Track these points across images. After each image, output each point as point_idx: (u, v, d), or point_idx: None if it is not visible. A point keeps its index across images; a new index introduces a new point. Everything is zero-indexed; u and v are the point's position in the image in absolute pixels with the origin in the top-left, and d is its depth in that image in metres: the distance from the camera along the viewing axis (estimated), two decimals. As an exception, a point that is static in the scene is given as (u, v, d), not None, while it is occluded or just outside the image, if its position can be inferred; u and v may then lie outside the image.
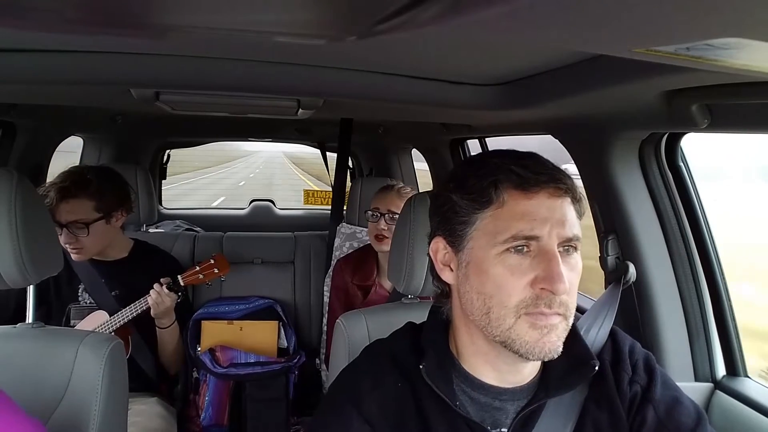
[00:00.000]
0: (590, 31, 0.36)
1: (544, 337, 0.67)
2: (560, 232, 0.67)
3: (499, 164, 0.70)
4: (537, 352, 0.67)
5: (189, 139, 3.58)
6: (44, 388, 1.03)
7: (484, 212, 0.69)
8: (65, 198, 1.57)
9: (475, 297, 0.70)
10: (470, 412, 0.74)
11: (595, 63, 0.85)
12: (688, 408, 0.74)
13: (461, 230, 0.71)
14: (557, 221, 0.67)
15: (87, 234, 1.60)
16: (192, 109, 1.34)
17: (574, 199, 0.70)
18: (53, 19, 0.32)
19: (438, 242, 0.76)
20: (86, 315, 1.67)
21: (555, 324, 0.67)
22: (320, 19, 0.32)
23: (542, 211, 0.67)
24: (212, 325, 1.98)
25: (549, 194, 0.68)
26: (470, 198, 0.70)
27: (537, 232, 0.66)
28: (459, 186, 0.73)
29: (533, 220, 0.66)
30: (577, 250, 0.70)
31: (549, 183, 0.68)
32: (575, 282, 0.69)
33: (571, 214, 0.69)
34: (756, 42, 0.33)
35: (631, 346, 0.80)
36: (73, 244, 1.60)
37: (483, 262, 0.69)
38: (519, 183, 0.68)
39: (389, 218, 1.74)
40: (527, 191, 0.68)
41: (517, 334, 0.67)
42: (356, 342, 1.12)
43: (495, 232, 0.68)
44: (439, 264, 0.77)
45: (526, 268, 0.67)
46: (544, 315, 0.66)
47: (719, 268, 1.21)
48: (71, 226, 1.58)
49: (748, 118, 0.85)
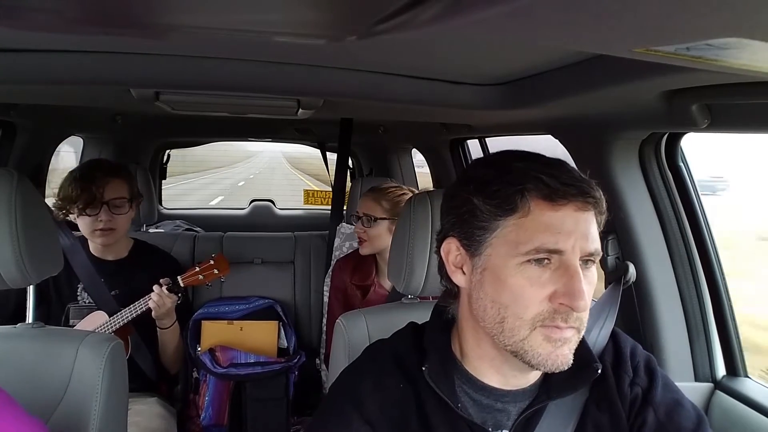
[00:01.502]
0: (590, 31, 0.36)
1: (557, 350, 0.66)
2: (584, 246, 0.65)
3: (526, 170, 0.67)
4: (549, 365, 0.67)
5: (189, 139, 3.58)
6: (44, 388, 1.03)
7: (506, 220, 0.67)
8: (111, 175, 1.66)
9: (489, 305, 0.69)
10: (472, 414, 0.74)
11: (595, 63, 0.85)
12: (689, 411, 0.74)
13: (480, 235, 0.69)
14: (581, 235, 0.65)
15: (127, 211, 1.69)
16: (192, 109, 1.34)
17: (599, 212, 0.69)
18: (53, 19, 0.32)
19: (451, 243, 0.74)
20: (85, 315, 1.67)
21: (569, 337, 0.66)
22: (320, 19, 0.32)
23: (568, 225, 0.65)
24: (212, 325, 1.98)
25: (576, 207, 0.66)
26: (493, 204, 0.67)
27: (561, 245, 0.65)
28: (480, 189, 0.69)
29: (558, 233, 0.65)
30: (595, 263, 0.69)
31: (578, 196, 0.66)
32: (590, 294, 0.68)
33: (594, 228, 0.68)
34: (756, 42, 0.33)
35: (632, 348, 0.80)
36: (110, 223, 1.65)
37: (501, 271, 0.67)
38: (547, 193, 0.65)
39: (365, 221, 1.73)
40: (555, 203, 0.65)
41: (530, 345, 0.66)
42: (356, 342, 1.12)
43: (517, 241, 0.66)
44: (451, 266, 0.74)
45: (545, 281, 0.65)
46: (559, 329, 0.65)
47: (719, 268, 1.21)
48: (112, 204, 1.65)
49: (748, 118, 0.85)
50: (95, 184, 1.61)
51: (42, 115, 1.78)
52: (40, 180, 2.04)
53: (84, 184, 1.61)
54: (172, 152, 3.50)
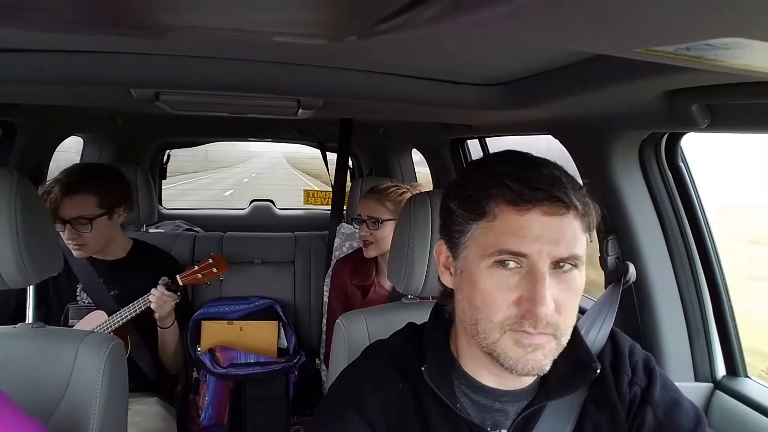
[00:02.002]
0: (590, 31, 0.36)
1: (528, 354, 0.66)
2: (552, 251, 0.64)
3: (496, 174, 0.67)
4: (520, 369, 0.66)
5: (189, 139, 3.59)
6: (44, 388, 1.03)
7: (477, 223, 0.68)
8: (69, 193, 1.57)
9: (466, 306, 0.70)
10: (470, 414, 0.74)
11: (595, 63, 0.85)
12: (687, 410, 0.74)
13: (458, 238, 0.71)
14: (550, 240, 0.64)
15: (90, 230, 1.60)
16: (192, 109, 1.34)
17: (579, 214, 0.67)
18: (53, 19, 0.32)
19: (441, 244, 0.76)
20: (84, 315, 1.67)
21: (541, 343, 0.65)
22: (320, 19, 0.32)
23: (534, 229, 0.64)
24: (212, 325, 1.98)
25: (543, 212, 0.65)
26: (466, 208, 0.69)
27: (525, 249, 0.64)
28: (458, 193, 0.71)
29: (523, 237, 0.64)
30: (577, 268, 0.67)
31: (544, 200, 0.64)
32: (570, 301, 0.67)
33: (570, 231, 0.65)
34: (756, 42, 0.33)
35: (630, 347, 0.80)
36: (76, 240, 1.60)
37: (473, 274, 0.68)
38: (512, 199, 0.65)
39: (370, 224, 1.72)
40: (519, 207, 0.65)
41: (501, 348, 0.67)
42: (356, 342, 1.12)
43: (485, 244, 0.67)
44: (441, 266, 0.77)
45: (513, 286, 0.65)
46: (529, 334, 0.65)
47: (719, 268, 1.21)
48: (75, 222, 1.58)
49: (748, 118, 0.85)
50: (50, 203, 1.54)
51: (42, 115, 1.78)
52: (40, 180, 2.04)
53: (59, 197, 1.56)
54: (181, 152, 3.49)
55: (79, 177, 1.61)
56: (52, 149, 2.13)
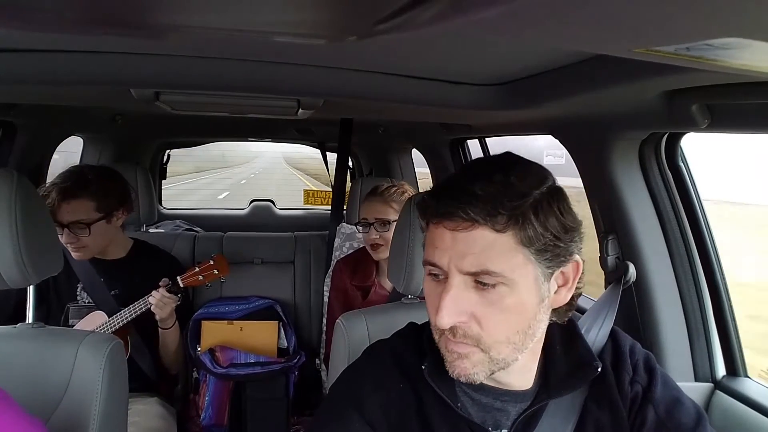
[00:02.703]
0: (590, 31, 0.36)
1: (456, 361, 0.69)
2: (458, 265, 0.65)
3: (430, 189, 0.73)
4: (451, 373, 0.69)
5: (189, 139, 3.58)
6: (44, 388, 1.03)
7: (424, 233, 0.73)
8: (66, 198, 1.57)
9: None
10: (471, 414, 0.74)
11: (595, 63, 0.85)
12: (689, 408, 0.74)
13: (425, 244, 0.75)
14: (457, 253, 0.65)
15: (88, 234, 1.60)
16: (192, 109, 1.34)
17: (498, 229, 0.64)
18: (53, 19, 0.32)
19: None
20: (85, 314, 1.67)
21: (465, 353, 0.68)
22: (320, 19, 0.32)
23: (444, 242, 0.67)
24: (212, 325, 1.98)
25: (448, 227, 0.66)
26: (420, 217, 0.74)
27: (437, 261, 0.68)
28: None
29: (435, 248, 0.68)
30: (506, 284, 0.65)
31: (449, 216, 0.65)
32: (493, 317, 0.66)
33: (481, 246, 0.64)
34: (756, 42, 0.33)
35: (631, 346, 0.80)
36: (75, 244, 1.60)
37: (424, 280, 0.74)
38: (426, 213, 0.70)
39: (378, 226, 1.73)
40: (431, 221, 0.69)
41: (442, 351, 0.71)
42: (356, 342, 1.12)
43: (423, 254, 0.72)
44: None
45: (438, 293, 0.68)
46: (452, 341, 0.68)
47: (719, 268, 1.21)
48: (72, 227, 1.58)
49: (748, 118, 0.85)
50: (52, 206, 1.54)
51: (42, 115, 1.78)
52: (40, 180, 2.04)
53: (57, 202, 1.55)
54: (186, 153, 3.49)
55: (76, 181, 1.60)
56: (52, 149, 2.13)
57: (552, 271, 0.68)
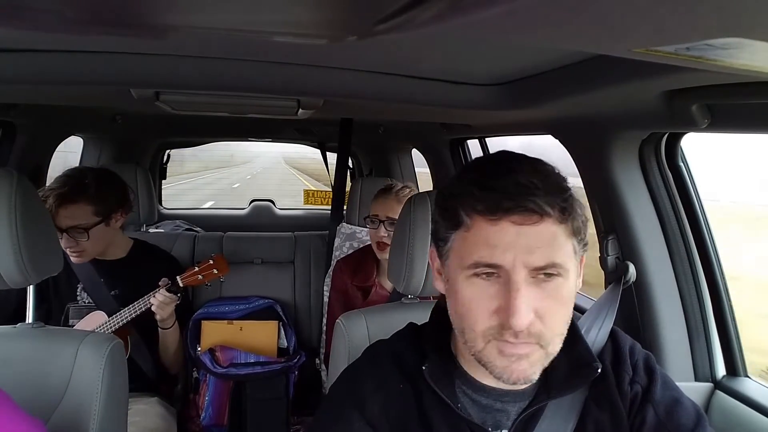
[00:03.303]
0: (590, 31, 0.36)
1: (513, 364, 0.65)
2: (527, 260, 0.63)
3: (470, 183, 0.66)
4: (506, 378, 0.66)
5: (189, 139, 3.58)
6: (44, 388, 1.03)
7: (455, 233, 0.67)
8: (64, 204, 1.56)
9: (453, 315, 0.70)
10: (471, 414, 0.74)
11: (595, 63, 0.85)
12: (688, 408, 0.74)
13: (442, 246, 0.71)
14: (523, 249, 0.62)
15: (87, 238, 1.60)
16: (192, 109, 1.34)
17: (558, 220, 0.64)
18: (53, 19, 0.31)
19: (433, 250, 0.76)
20: (85, 314, 1.67)
21: (525, 353, 0.65)
22: (320, 19, 0.32)
23: (506, 239, 0.63)
24: (212, 325, 1.98)
25: (514, 221, 0.63)
26: (445, 217, 0.69)
27: (498, 260, 0.63)
28: (438, 202, 0.71)
29: (495, 247, 0.63)
30: (561, 276, 0.65)
31: (513, 209, 0.63)
32: (554, 310, 0.65)
33: (547, 239, 0.63)
34: (756, 42, 0.33)
35: (631, 346, 0.80)
36: (74, 248, 1.60)
37: (454, 283, 0.68)
38: (482, 209, 0.64)
39: (389, 225, 1.72)
40: (488, 217, 0.64)
41: (487, 358, 0.66)
42: (356, 342, 1.12)
43: (462, 255, 0.66)
44: (435, 272, 0.77)
45: (492, 295, 0.64)
46: (511, 344, 0.64)
47: (719, 268, 1.21)
48: (71, 231, 1.58)
49: (748, 118, 0.85)
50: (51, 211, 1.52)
51: (42, 115, 1.78)
52: (40, 180, 2.04)
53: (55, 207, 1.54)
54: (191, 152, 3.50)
55: (73, 186, 1.58)
56: (52, 149, 2.13)
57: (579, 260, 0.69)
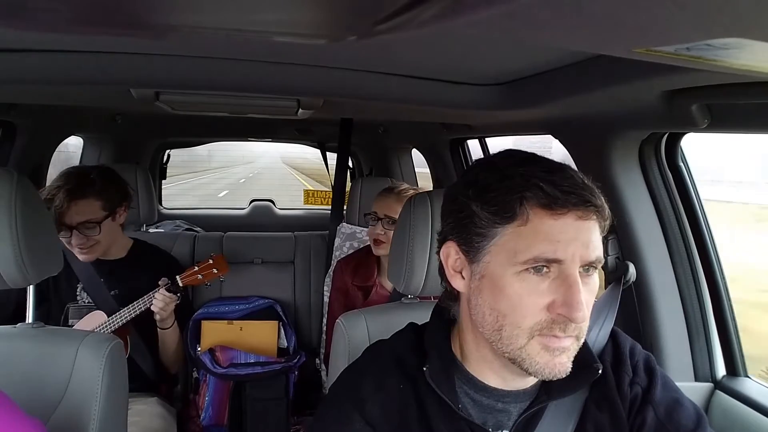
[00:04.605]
0: (590, 31, 0.36)
1: (555, 359, 0.65)
2: (584, 255, 0.64)
3: (527, 177, 0.65)
4: (547, 373, 0.66)
5: (189, 139, 3.58)
6: (44, 388, 1.03)
7: (505, 227, 0.65)
8: (74, 199, 1.57)
9: (488, 312, 0.68)
10: (472, 415, 0.74)
11: (595, 63, 0.85)
12: (689, 409, 0.74)
13: (478, 242, 0.68)
14: (582, 244, 0.64)
15: (99, 233, 1.62)
16: (192, 109, 1.34)
17: (602, 218, 0.67)
18: (53, 19, 0.32)
19: (450, 247, 0.73)
20: (84, 314, 1.67)
21: (567, 346, 0.66)
22: (320, 19, 0.32)
23: (568, 233, 0.63)
24: (212, 325, 1.98)
25: (577, 216, 0.64)
26: (492, 211, 0.66)
27: (560, 255, 0.63)
28: (479, 194, 0.68)
29: (557, 242, 0.63)
30: (597, 270, 0.68)
31: (578, 204, 0.64)
32: (591, 303, 0.67)
33: (596, 236, 0.66)
34: (756, 42, 0.33)
35: (631, 347, 0.80)
36: (84, 245, 1.61)
37: (499, 279, 0.66)
38: (546, 202, 0.63)
39: (386, 223, 1.73)
40: (554, 211, 0.63)
41: (528, 354, 0.65)
42: (356, 342, 1.12)
43: (516, 250, 0.64)
44: (450, 270, 0.74)
45: (544, 290, 0.64)
46: (557, 338, 0.64)
47: (719, 268, 1.21)
48: (81, 227, 1.59)
49: (748, 118, 0.85)
50: (55, 212, 1.54)
51: (42, 115, 1.78)
52: (40, 180, 2.04)
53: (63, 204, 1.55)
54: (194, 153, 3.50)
55: (81, 181, 1.60)
56: (52, 149, 2.13)
57: None
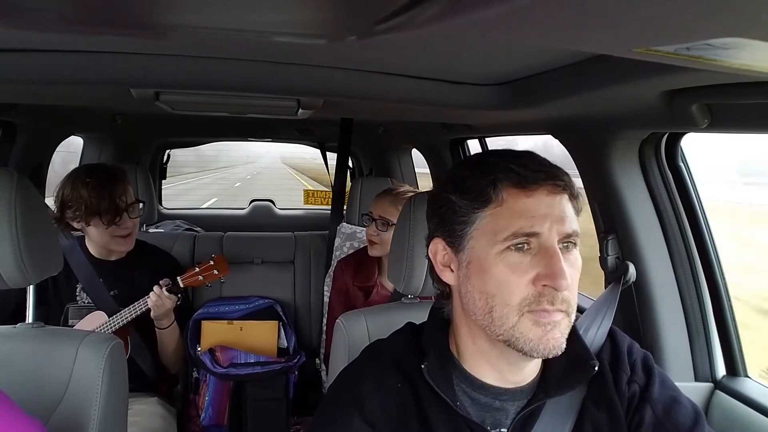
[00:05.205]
0: (590, 31, 0.36)
1: (548, 334, 0.67)
2: (560, 228, 0.67)
3: (496, 163, 0.70)
4: (541, 350, 0.67)
5: (189, 139, 3.59)
6: (44, 388, 1.03)
7: (483, 211, 0.69)
8: (116, 183, 1.63)
9: (477, 296, 0.70)
10: (470, 413, 0.74)
11: (595, 63, 0.85)
12: (686, 407, 0.74)
13: (461, 230, 0.71)
14: (557, 218, 0.67)
15: (143, 211, 1.71)
16: (192, 109, 1.34)
17: (572, 195, 0.71)
18: (53, 19, 0.32)
19: (437, 243, 0.76)
20: (84, 315, 1.67)
21: (558, 321, 0.67)
22: (320, 19, 0.32)
23: (542, 208, 0.67)
24: (212, 325, 1.98)
25: (548, 191, 0.68)
26: (469, 198, 0.70)
27: (537, 228, 0.67)
28: (457, 186, 0.72)
29: (533, 217, 0.67)
30: (577, 246, 0.71)
31: (547, 180, 0.68)
32: (576, 278, 0.69)
33: (569, 210, 0.70)
34: (756, 42, 0.33)
35: (629, 345, 0.80)
36: (130, 229, 1.67)
37: (484, 261, 0.69)
38: (518, 181, 0.68)
39: (380, 224, 1.73)
40: (526, 189, 0.68)
41: (520, 332, 0.67)
42: (356, 342, 1.12)
43: (495, 230, 0.68)
44: (439, 265, 0.76)
45: (527, 266, 0.67)
46: (547, 312, 0.66)
47: (719, 268, 1.21)
48: (132, 209, 1.66)
49: (748, 118, 0.85)
50: (116, 192, 1.61)
51: (42, 115, 1.78)
52: (40, 180, 2.04)
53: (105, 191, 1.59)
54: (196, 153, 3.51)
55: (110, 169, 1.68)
56: (52, 149, 2.13)
57: None
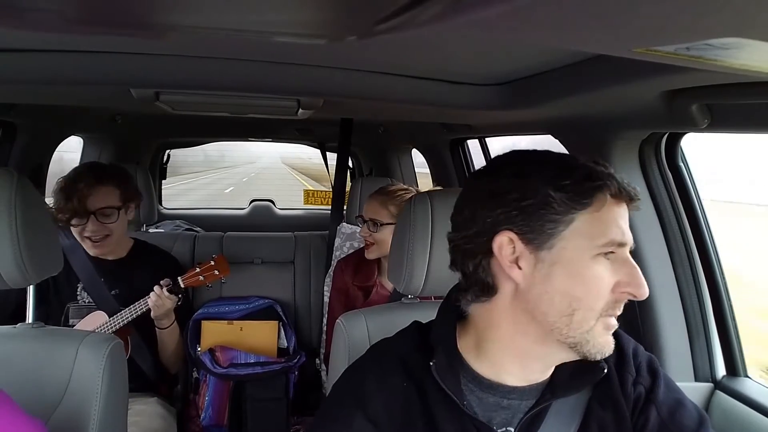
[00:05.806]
0: (590, 31, 0.36)
1: (609, 337, 0.71)
2: (630, 239, 0.71)
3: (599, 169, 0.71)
4: (604, 352, 0.70)
5: (189, 139, 3.59)
6: (44, 389, 1.03)
7: (581, 213, 0.68)
8: (96, 185, 1.61)
9: (559, 298, 0.68)
10: (477, 412, 0.74)
11: (595, 63, 0.85)
12: (691, 411, 0.74)
13: (551, 228, 0.68)
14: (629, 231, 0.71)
15: (116, 219, 1.65)
16: (192, 109, 1.34)
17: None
18: (53, 19, 0.32)
19: (505, 236, 0.70)
20: (85, 314, 1.67)
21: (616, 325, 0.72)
22: (320, 19, 0.32)
23: (624, 221, 0.71)
24: (212, 325, 1.98)
25: (627, 206, 0.72)
26: (569, 197, 0.68)
27: (627, 239, 0.70)
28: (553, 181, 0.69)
29: (622, 228, 0.70)
30: None
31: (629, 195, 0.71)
32: None
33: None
34: (756, 42, 0.33)
35: (634, 348, 0.80)
36: (99, 233, 1.64)
37: (576, 264, 0.68)
38: (617, 191, 0.70)
39: (370, 225, 1.72)
40: (618, 200, 0.70)
41: (593, 335, 0.69)
42: (356, 342, 1.12)
43: (592, 235, 0.68)
44: (506, 261, 0.71)
45: (611, 273, 0.69)
46: (614, 318, 0.70)
47: (719, 268, 1.21)
48: (100, 214, 1.62)
49: (748, 118, 0.85)
50: (77, 195, 1.58)
51: (42, 115, 1.78)
52: (40, 180, 2.04)
53: (67, 194, 1.59)
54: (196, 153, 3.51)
55: (99, 171, 1.66)
56: (52, 149, 2.13)
57: None
